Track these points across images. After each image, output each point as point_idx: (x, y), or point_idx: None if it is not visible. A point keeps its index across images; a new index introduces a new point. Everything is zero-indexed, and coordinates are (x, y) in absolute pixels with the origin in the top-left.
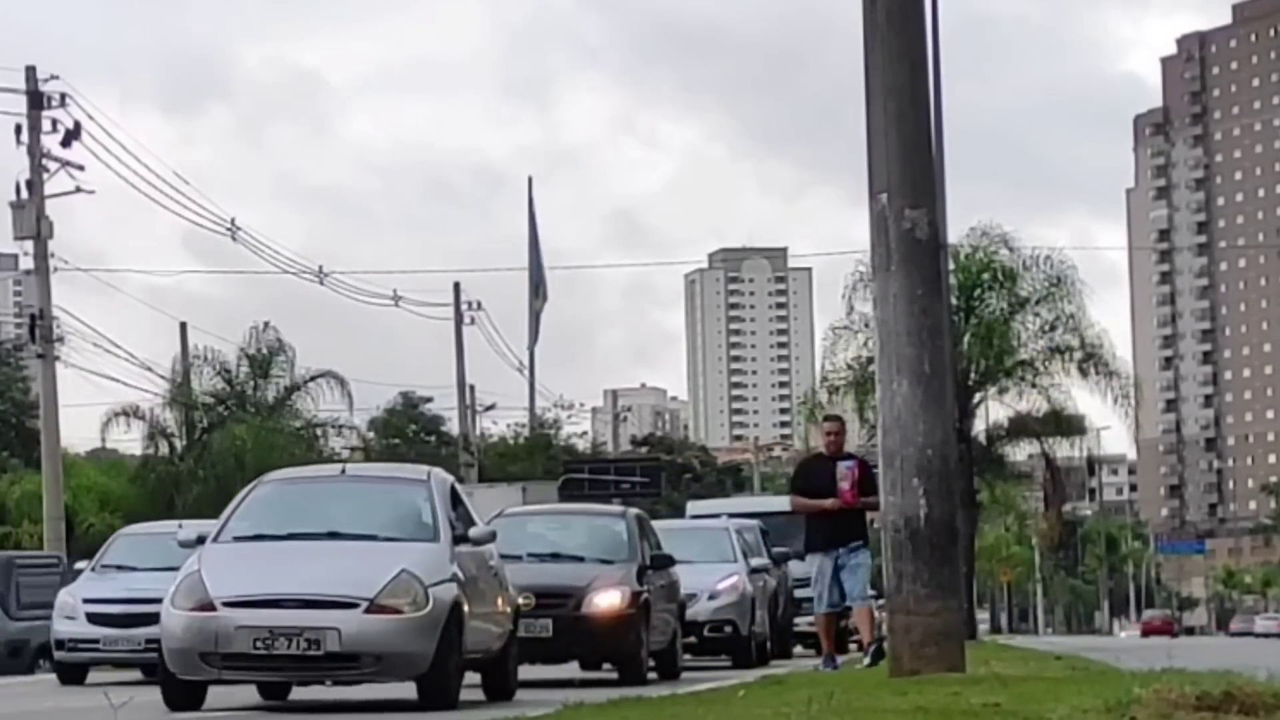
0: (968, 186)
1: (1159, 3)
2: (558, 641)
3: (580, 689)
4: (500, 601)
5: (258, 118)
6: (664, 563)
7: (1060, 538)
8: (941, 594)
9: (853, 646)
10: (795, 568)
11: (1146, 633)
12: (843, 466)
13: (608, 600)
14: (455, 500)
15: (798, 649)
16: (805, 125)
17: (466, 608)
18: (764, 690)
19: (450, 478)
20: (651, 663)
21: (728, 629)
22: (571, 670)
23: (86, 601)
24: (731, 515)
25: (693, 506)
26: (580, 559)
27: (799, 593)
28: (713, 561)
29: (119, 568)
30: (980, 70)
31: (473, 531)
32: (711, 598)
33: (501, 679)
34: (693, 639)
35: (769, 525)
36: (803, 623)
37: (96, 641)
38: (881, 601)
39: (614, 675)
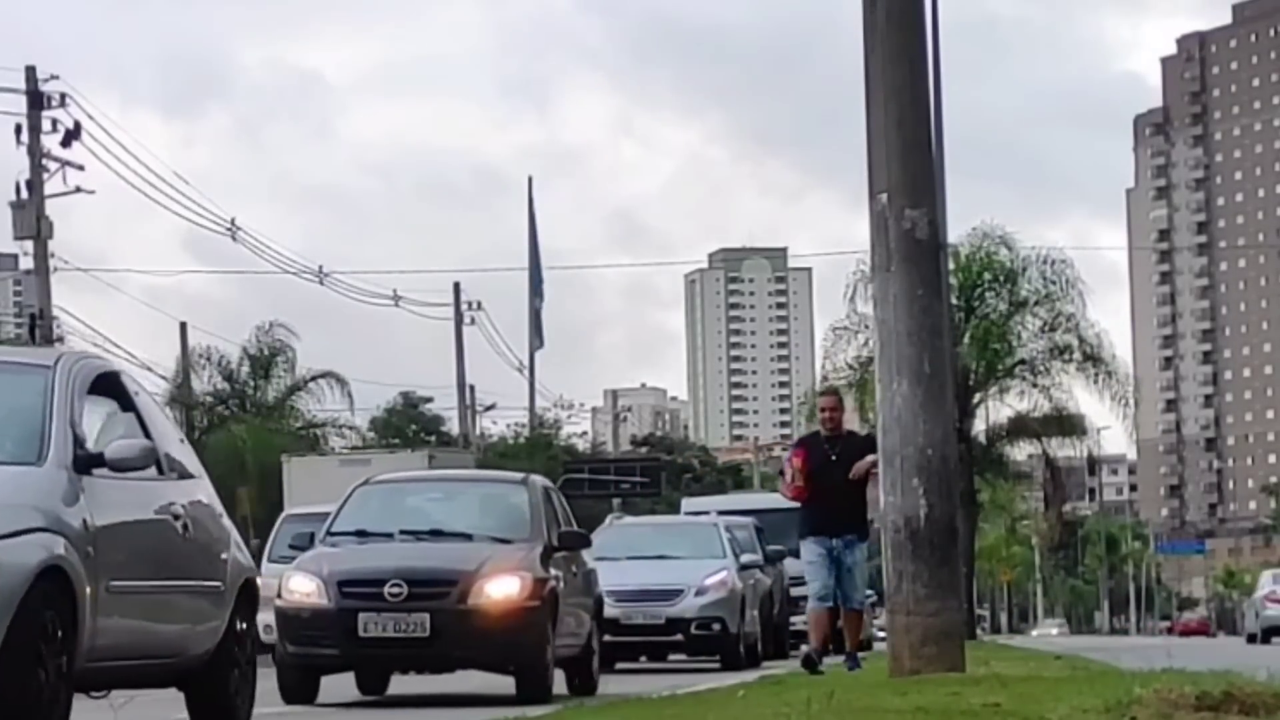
0: (968, 186)
1: (1159, 3)
2: (436, 644)
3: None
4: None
5: (257, 118)
6: (575, 542)
7: (1060, 538)
8: (941, 594)
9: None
10: (791, 565)
11: (1184, 633)
12: (785, 457)
13: (503, 589)
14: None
15: (803, 648)
16: (804, 126)
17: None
18: (764, 690)
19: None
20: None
21: (715, 627)
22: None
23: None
24: (726, 512)
25: (687, 504)
26: (467, 537)
27: (795, 591)
28: (701, 558)
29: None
30: (980, 70)
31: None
32: (699, 594)
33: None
34: (679, 637)
35: (765, 522)
36: (799, 621)
37: None
38: (874, 600)
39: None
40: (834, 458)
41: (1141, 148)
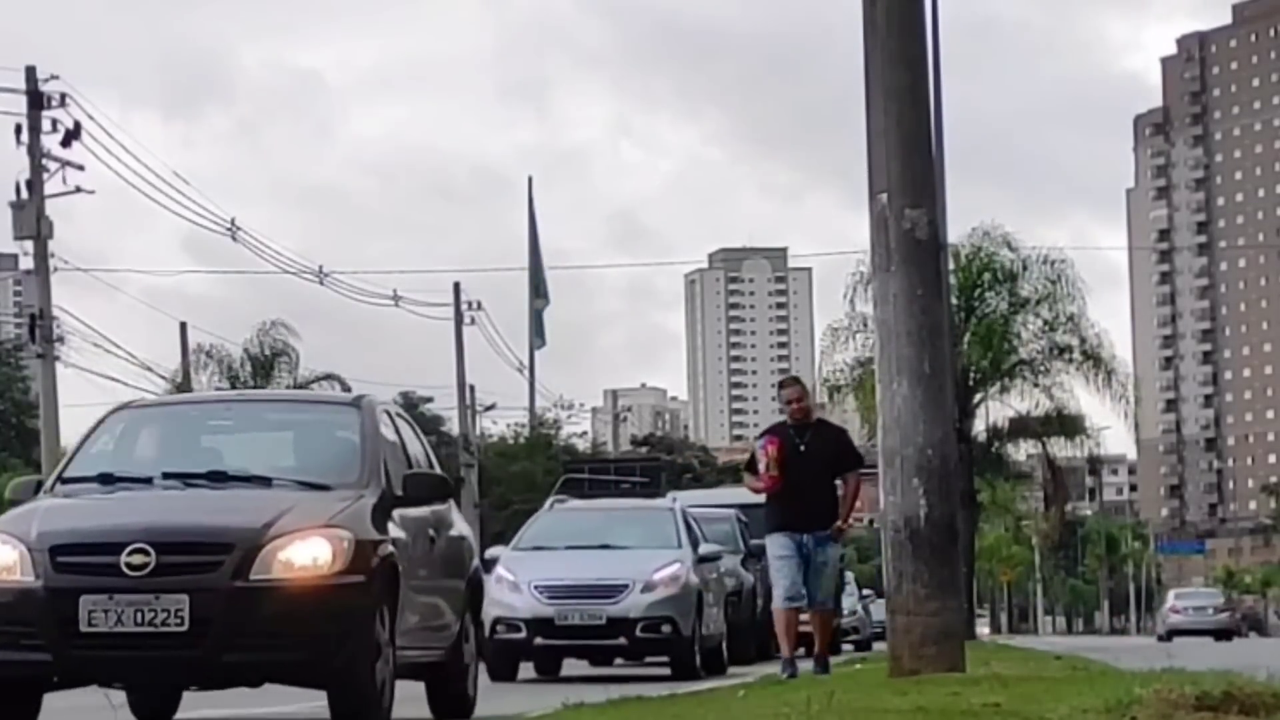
0: (968, 186)
1: (1159, 3)
2: (199, 643)
3: None
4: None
5: (257, 119)
6: (429, 490)
7: (1061, 538)
8: (941, 594)
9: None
10: None
11: None
12: (757, 446)
13: (306, 556)
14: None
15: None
16: (804, 127)
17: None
18: (764, 690)
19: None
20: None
21: (665, 628)
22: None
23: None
24: (715, 505)
25: (673, 496)
26: (264, 481)
27: None
28: (652, 548)
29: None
30: (980, 71)
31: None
32: (646, 590)
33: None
34: (622, 640)
35: (756, 516)
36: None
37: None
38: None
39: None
40: (803, 449)
41: (1141, 148)
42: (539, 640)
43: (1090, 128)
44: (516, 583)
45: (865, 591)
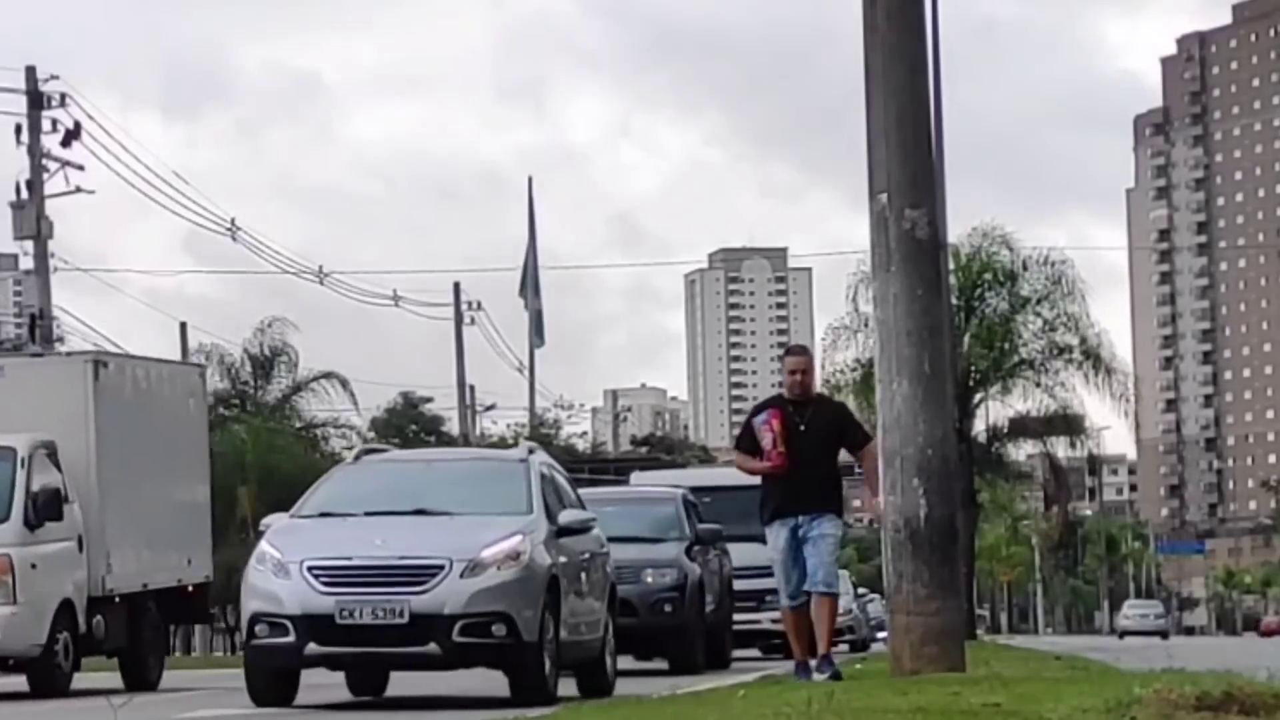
0: (968, 186)
1: (1159, 3)
2: None
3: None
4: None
5: (257, 119)
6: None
7: (1061, 538)
8: (941, 594)
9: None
10: (740, 553)
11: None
12: (758, 421)
13: None
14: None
15: (782, 656)
16: (804, 127)
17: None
18: (764, 690)
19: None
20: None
21: (498, 629)
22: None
23: None
24: (681, 487)
25: (637, 477)
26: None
27: (739, 584)
28: (486, 514)
29: None
30: (981, 71)
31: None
32: (470, 573)
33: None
34: (433, 647)
35: (729, 502)
36: (758, 621)
37: None
38: (864, 595)
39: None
40: (802, 426)
41: (1141, 148)
42: (313, 647)
43: (1090, 128)
44: (284, 563)
45: (861, 590)
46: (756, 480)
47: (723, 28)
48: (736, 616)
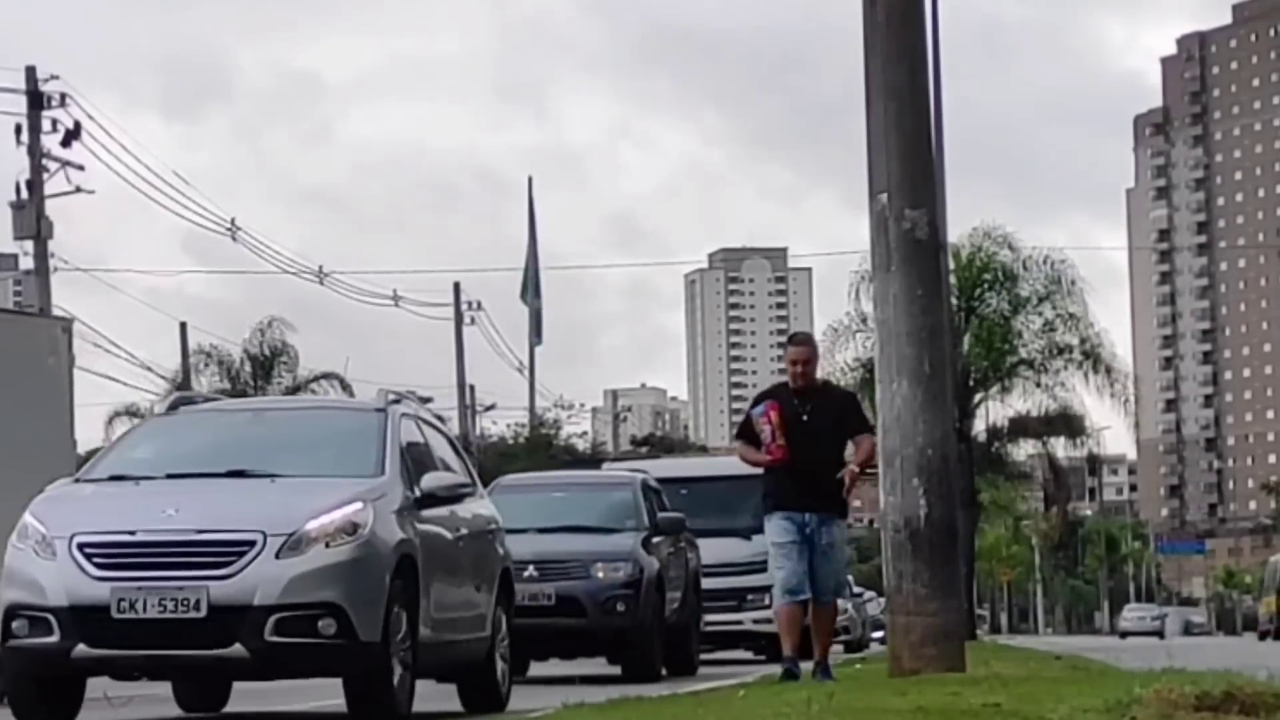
0: (968, 186)
1: (1159, 3)
2: None
3: None
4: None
5: (257, 119)
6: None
7: (1061, 538)
8: (941, 594)
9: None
10: (719, 548)
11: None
12: (756, 413)
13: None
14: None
15: (766, 660)
16: (803, 127)
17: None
18: (764, 690)
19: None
20: None
21: (326, 626)
22: None
23: None
24: (643, 473)
25: (608, 467)
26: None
27: (718, 582)
28: (320, 476)
29: None
30: (980, 71)
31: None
32: (289, 550)
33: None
34: (239, 649)
35: (709, 494)
36: (746, 620)
37: None
38: (866, 596)
39: None
40: (805, 417)
41: (1141, 148)
42: (83, 649)
43: (1090, 128)
44: (49, 539)
45: (857, 589)
46: (739, 470)
47: (722, 28)
48: (716, 617)
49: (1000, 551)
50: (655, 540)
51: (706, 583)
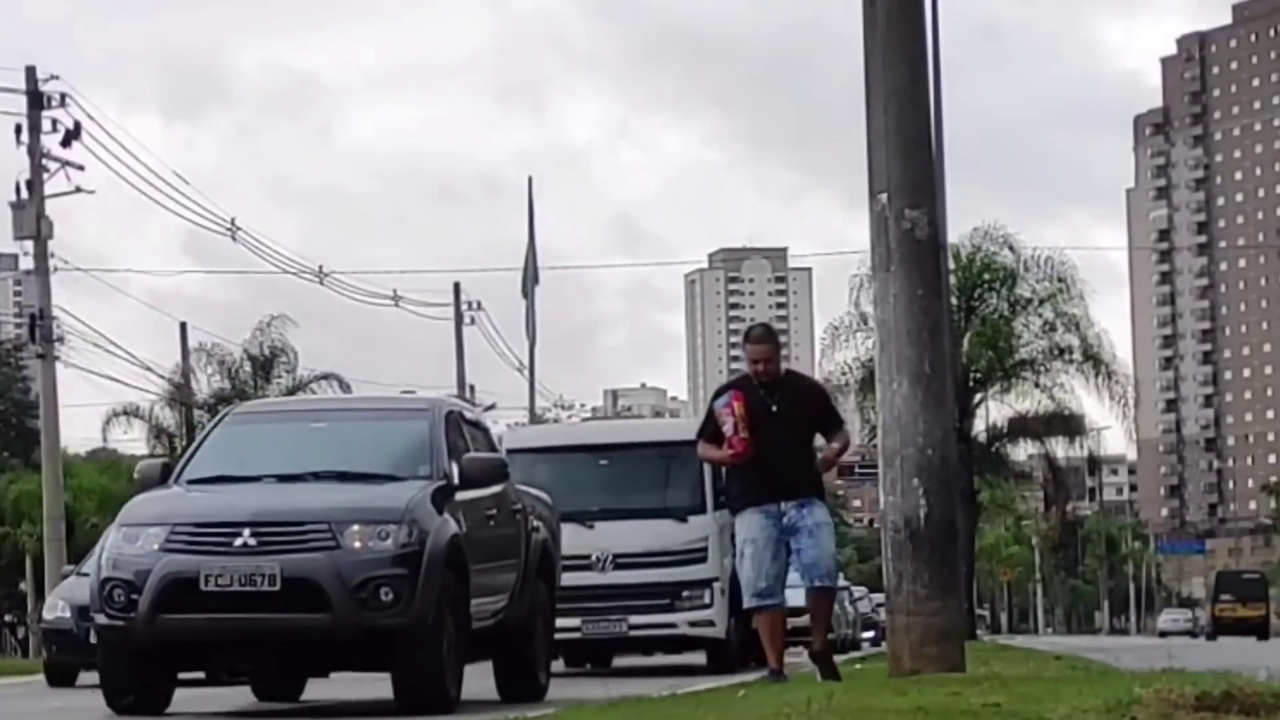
0: (968, 186)
1: (1159, 3)
2: None
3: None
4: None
5: (257, 119)
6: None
7: (1061, 537)
8: (941, 594)
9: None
10: (636, 534)
11: None
12: (719, 405)
13: None
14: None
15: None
16: (803, 128)
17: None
18: (764, 690)
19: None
20: None
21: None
22: None
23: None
24: (454, 406)
25: (510, 436)
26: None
27: (648, 575)
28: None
29: None
30: (981, 70)
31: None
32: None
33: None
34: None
35: (631, 465)
36: (680, 622)
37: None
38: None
39: None
40: (774, 408)
41: (1141, 148)
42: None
43: (1090, 128)
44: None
45: (843, 583)
46: (672, 435)
47: (722, 29)
48: (642, 619)
49: (1000, 551)
50: (461, 497)
51: (630, 575)
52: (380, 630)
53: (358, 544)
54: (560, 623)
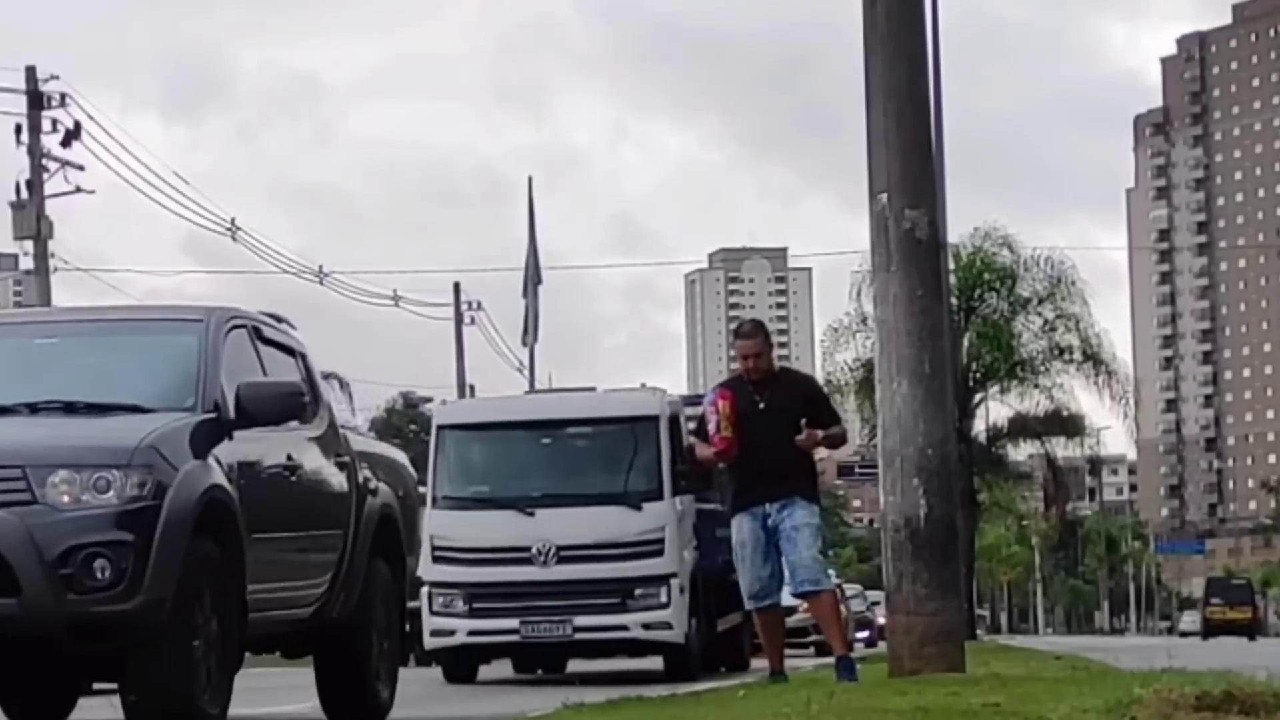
0: (968, 186)
1: (1159, 3)
2: None
3: None
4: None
5: (257, 119)
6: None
7: (1061, 538)
8: (941, 594)
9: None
10: (584, 523)
11: None
12: (705, 402)
13: None
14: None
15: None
16: (803, 128)
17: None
18: (764, 690)
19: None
20: None
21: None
22: None
23: None
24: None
25: (440, 412)
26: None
27: (579, 570)
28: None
29: None
30: (981, 71)
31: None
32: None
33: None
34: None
35: (578, 444)
36: (632, 625)
37: None
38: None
39: None
40: (762, 405)
41: (1141, 148)
42: None
43: (1090, 128)
44: None
45: (835, 578)
46: (626, 410)
47: (722, 29)
48: (589, 620)
49: (1000, 551)
50: (242, 437)
51: (576, 570)
52: (93, 621)
53: (65, 498)
54: (496, 624)
